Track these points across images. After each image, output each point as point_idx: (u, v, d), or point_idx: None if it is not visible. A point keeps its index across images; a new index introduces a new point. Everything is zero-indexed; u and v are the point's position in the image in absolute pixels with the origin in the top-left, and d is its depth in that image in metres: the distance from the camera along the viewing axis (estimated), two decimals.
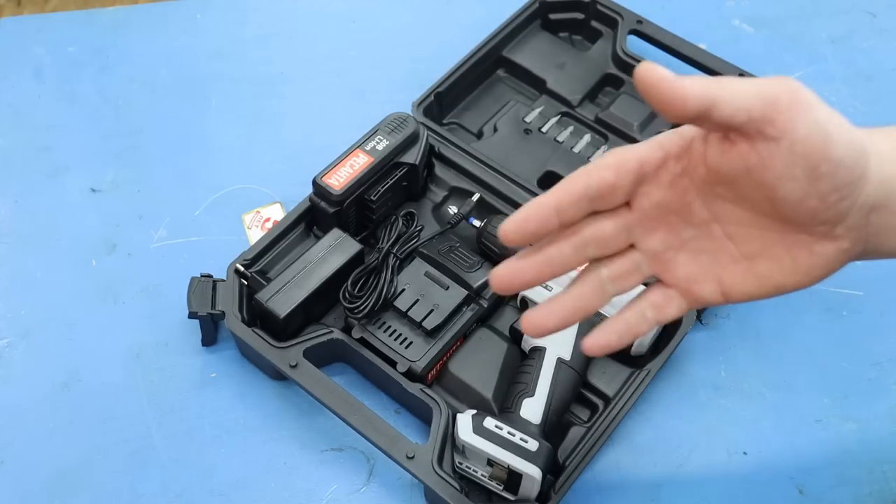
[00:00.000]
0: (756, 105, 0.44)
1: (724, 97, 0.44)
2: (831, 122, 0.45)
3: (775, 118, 0.44)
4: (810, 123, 0.44)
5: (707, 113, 0.45)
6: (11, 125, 0.98)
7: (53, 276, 0.87)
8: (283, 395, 0.80)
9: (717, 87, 0.44)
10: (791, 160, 0.45)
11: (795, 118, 0.44)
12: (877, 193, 0.47)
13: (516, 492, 0.71)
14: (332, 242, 0.81)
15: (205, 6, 1.09)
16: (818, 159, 0.45)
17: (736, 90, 0.44)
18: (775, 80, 0.45)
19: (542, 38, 1.02)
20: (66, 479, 0.76)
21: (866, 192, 0.47)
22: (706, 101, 0.44)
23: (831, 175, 0.45)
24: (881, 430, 0.79)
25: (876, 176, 0.47)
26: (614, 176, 0.50)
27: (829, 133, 0.45)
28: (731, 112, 0.44)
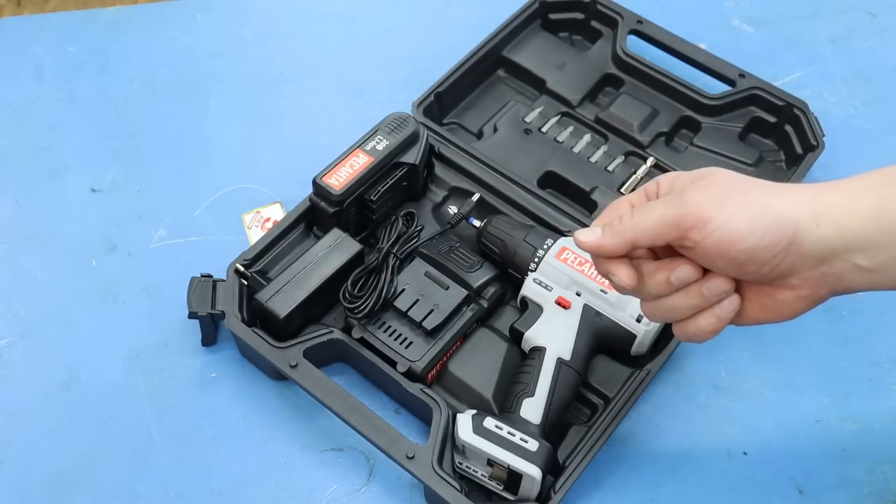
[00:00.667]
0: (666, 232, 0.55)
1: (638, 238, 0.56)
2: (738, 218, 0.53)
3: (685, 235, 0.54)
4: (715, 232, 0.53)
5: (633, 250, 0.57)
6: (11, 125, 0.98)
7: (53, 276, 0.87)
8: (283, 395, 0.80)
9: (630, 232, 0.56)
10: (711, 259, 0.55)
11: (701, 232, 0.53)
12: (819, 250, 0.54)
13: (516, 492, 0.71)
14: (332, 242, 0.81)
15: (205, 6, 1.09)
16: (732, 253, 0.53)
17: (646, 227, 0.55)
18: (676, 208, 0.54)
19: (542, 38, 1.02)
20: (66, 479, 0.76)
21: (805, 252, 0.54)
22: (627, 247, 0.56)
23: (750, 260, 0.54)
24: (881, 430, 0.79)
25: (811, 237, 0.54)
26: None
27: (735, 232, 0.53)
28: (650, 243, 0.56)
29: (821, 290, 0.56)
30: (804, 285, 0.56)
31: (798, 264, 0.54)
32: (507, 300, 0.84)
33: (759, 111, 0.95)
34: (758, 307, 0.58)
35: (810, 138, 0.91)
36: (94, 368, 0.81)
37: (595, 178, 0.91)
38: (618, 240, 0.56)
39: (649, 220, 0.55)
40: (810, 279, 0.55)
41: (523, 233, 0.82)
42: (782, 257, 0.54)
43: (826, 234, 0.54)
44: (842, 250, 0.54)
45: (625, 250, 0.57)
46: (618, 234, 0.56)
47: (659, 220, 0.55)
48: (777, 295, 0.57)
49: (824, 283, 0.55)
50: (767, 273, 0.55)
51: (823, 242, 0.54)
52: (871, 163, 0.96)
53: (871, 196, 0.54)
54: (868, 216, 0.54)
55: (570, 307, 0.78)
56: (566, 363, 0.75)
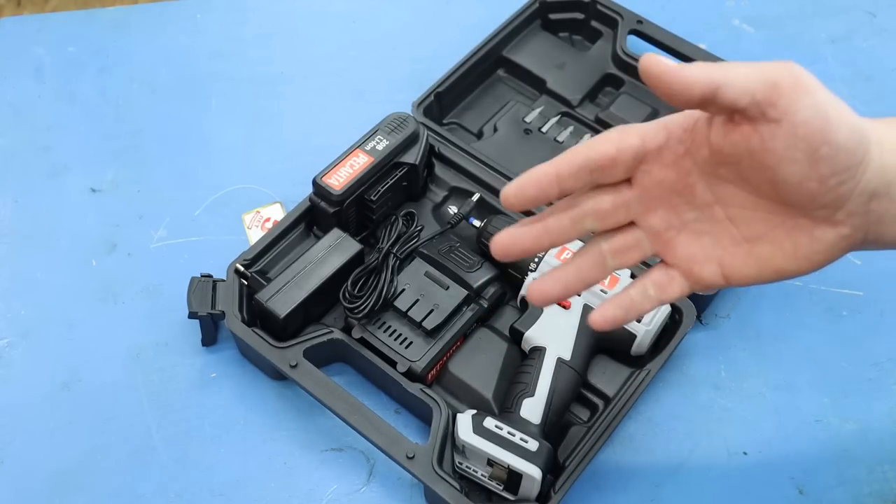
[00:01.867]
0: (759, 89, 0.46)
1: (728, 81, 0.46)
2: (832, 107, 0.46)
3: (777, 101, 0.45)
4: (811, 107, 0.45)
5: (712, 98, 0.46)
6: (11, 125, 0.98)
7: (53, 276, 0.87)
8: (283, 395, 0.80)
9: (720, 72, 0.46)
10: (792, 142, 0.46)
11: (797, 101, 0.45)
12: (877, 180, 0.48)
13: (516, 492, 0.71)
14: (332, 242, 0.81)
15: (205, 6, 1.09)
16: (818, 142, 0.46)
17: (739, 74, 0.46)
18: (778, 65, 0.46)
19: (542, 38, 1.02)
20: (66, 479, 0.76)
21: (866, 179, 0.48)
22: (710, 87, 0.46)
23: (831, 158, 0.46)
24: (881, 430, 0.79)
25: (876, 163, 0.48)
26: (615, 150, 0.51)
27: (829, 117, 0.46)
28: (735, 96, 0.46)
29: (859, 232, 0.50)
30: (848, 221, 0.49)
31: (854, 192, 0.48)
32: (507, 300, 0.84)
33: None
34: (788, 250, 0.51)
35: None
36: (94, 368, 0.81)
37: None
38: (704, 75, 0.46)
39: (745, 70, 0.46)
40: (856, 215, 0.49)
41: None
42: (853, 172, 0.47)
43: (887, 162, 0.48)
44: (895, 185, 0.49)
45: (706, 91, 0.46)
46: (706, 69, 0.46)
47: (758, 72, 0.46)
48: (816, 232, 0.50)
49: (866, 222, 0.50)
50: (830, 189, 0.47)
51: (882, 173, 0.48)
52: None
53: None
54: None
55: (570, 307, 0.78)
56: (566, 363, 0.75)
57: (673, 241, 0.53)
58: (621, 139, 0.51)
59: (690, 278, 0.54)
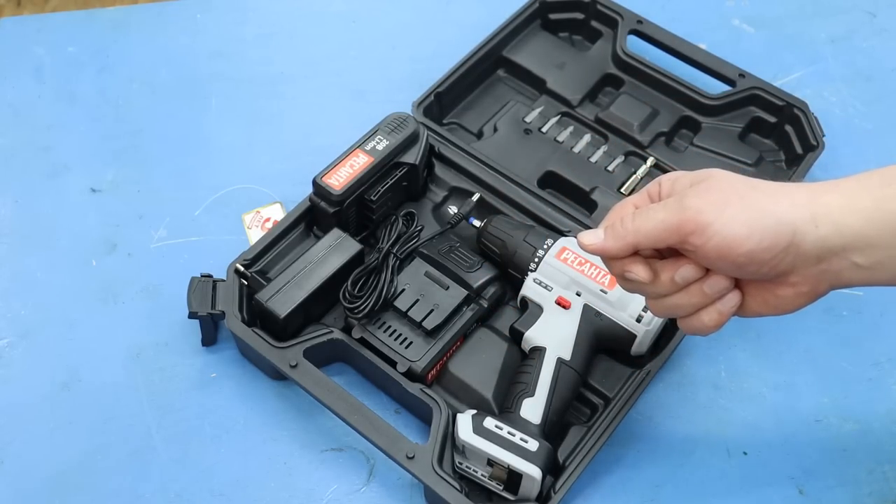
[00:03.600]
0: (668, 237, 0.56)
1: (640, 241, 0.58)
2: (737, 223, 0.54)
3: (686, 240, 0.56)
4: (714, 236, 0.54)
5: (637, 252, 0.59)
6: (11, 125, 0.98)
7: (53, 276, 0.87)
8: (283, 395, 0.80)
9: (632, 235, 0.57)
10: (713, 260, 0.56)
11: (701, 236, 0.55)
12: (818, 250, 0.55)
13: (516, 492, 0.71)
14: (332, 242, 0.81)
15: (205, 6, 1.09)
16: (732, 256, 0.55)
17: (648, 231, 0.57)
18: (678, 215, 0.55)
19: (542, 38, 1.02)
20: (66, 479, 0.76)
21: (804, 252, 0.55)
22: (630, 249, 0.58)
23: (750, 262, 0.55)
24: (881, 430, 0.79)
25: (812, 237, 0.55)
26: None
27: (735, 236, 0.54)
28: (652, 245, 0.58)
29: (820, 287, 0.58)
30: (804, 282, 0.57)
31: (797, 263, 0.56)
32: (507, 300, 0.84)
33: (759, 111, 0.95)
34: (759, 302, 0.60)
35: (810, 138, 0.91)
36: (94, 368, 0.81)
37: (595, 178, 0.91)
38: (620, 242, 0.58)
39: (651, 225, 0.57)
40: (809, 276, 0.57)
41: (523, 233, 0.82)
42: (781, 258, 0.55)
43: (825, 234, 0.55)
44: (840, 249, 0.55)
45: (627, 252, 0.59)
46: (620, 237, 0.58)
47: (660, 225, 0.56)
48: (777, 291, 0.58)
49: (823, 279, 0.57)
50: (767, 272, 0.56)
51: (822, 242, 0.55)
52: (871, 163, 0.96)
53: (870, 197, 0.55)
54: (866, 216, 0.55)
55: (570, 307, 0.78)
56: (566, 363, 0.75)
57: None
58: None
59: None
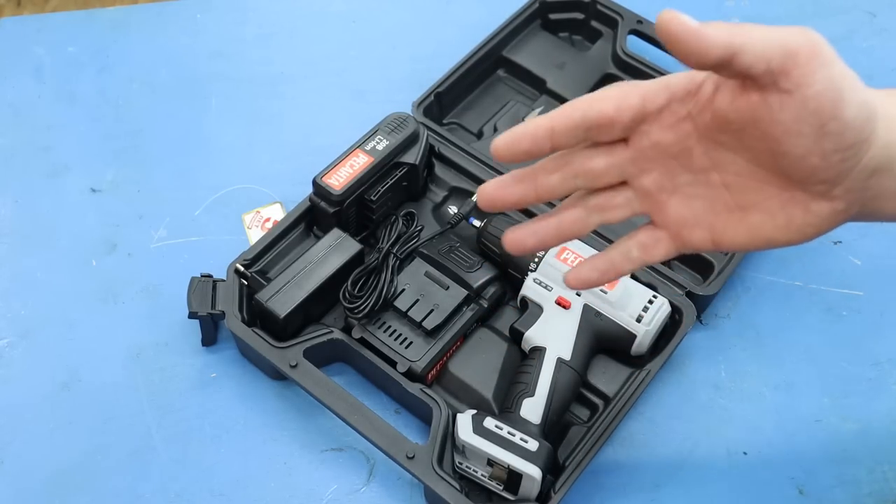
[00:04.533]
0: (776, 56, 0.43)
1: (747, 46, 0.43)
2: (845, 81, 0.45)
3: (791, 71, 0.44)
4: (825, 80, 0.44)
5: (728, 62, 0.44)
6: (11, 125, 0.98)
7: (53, 276, 0.87)
8: (283, 395, 0.80)
9: (740, 36, 0.44)
10: (800, 115, 0.44)
11: (812, 73, 0.44)
12: (879, 157, 0.47)
13: (516, 492, 0.71)
14: (332, 242, 0.81)
15: (205, 6, 1.09)
16: (827, 117, 0.44)
17: (758, 39, 0.44)
18: (798, 32, 0.44)
19: (542, 38, 1.02)
20: (66, 479, 0.76)
21: (869, 156, 0.47)
22: (729, 51, 0.44)
23: (838, 134, 0.45)
24: (881, 430, 0.79)
25: (882, 139, 0.47)
26: (614, 110, 0.50)
27: (842, 92, 0.44)
28: (751, 61, 0.44)
29: (853, 207, 0.49)
30: (844, 197, 0.48)
31: (856, 169, 0.47)
32: (507, 300, 0.84)
33: None
34: (780, 222, 0.50)
35: None
36: (94, 368, 0.81)
37: None
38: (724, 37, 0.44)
39: (764, 34, 0.44)
40: (853, 191, 0.48)
41: None
42: (855, 151, 0.46)
43: (893, 139, 0.48)
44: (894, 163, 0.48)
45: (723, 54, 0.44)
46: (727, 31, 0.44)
47: (777, 37, 0.44)
48: (811, 205, 0.49)
49: (862, 198, 0.49)
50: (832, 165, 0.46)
51: (886, 149, 0.47)
52: None
53: None
54: None
55: (570, 307, 0.78)
56: (566, 363, 0.75)
57: (664, 204, 0.52)
58: (622, 98, 0.49)
59: (678, 240, 0.53)
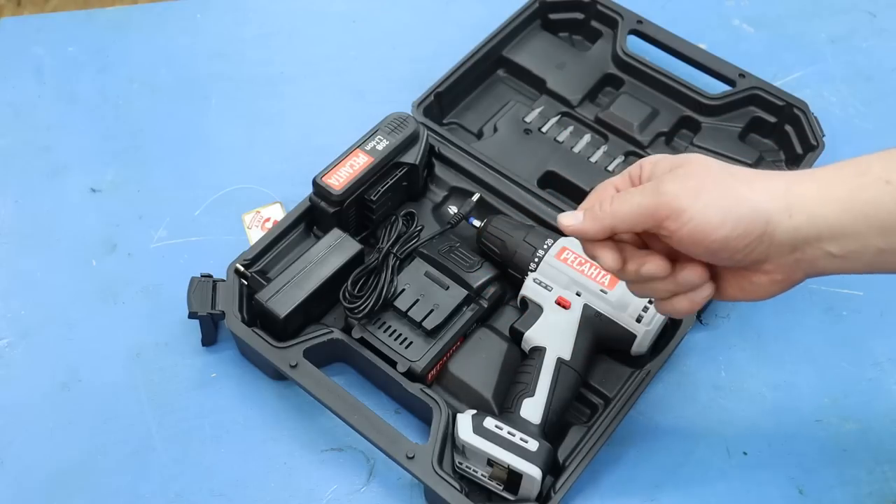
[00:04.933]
0: (643, 221, 0.57)
1: (617, 225, 0.58)
2: (712, 209, 0.55)
3: (661, 224, 0.56)
4: (689, 222, 0.55)
5: (613, 235, 0.59)
6: (11, 125, 0.98)
7: (53, 276, 0.87)
8: (283, 395, 0.80)
9: (609, 218, 0.58)
10: (687, 245, 0.56)
11: (675, 222, 0.55)
12: (791, 239, 0.56)
13: (516, 492, 0.71)
14: (332, 242, 0.81)
15: (205, 6, 1.09)
16: (706, 242, 0.55)
17: (625, 215, 0.57)
18: (652, 198, 0.56)
19: (542, 38, 1.02)
20: (66, 479, 0.76)
21: (777, 241, 0.56)
22: (607, 232, 0.59)
23: (723, 248, 0.56)
24: (881, 430, 0.79)
25: (785, 226, 0.55)
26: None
27: (709, 222, 0.55)
28: (629, 229, 0.59)
29: (794, 275, 0.58)
30: (778, 270, 0.58)
31: (771, 252, 0.56)
32: (507, 300, 0.84)
33: (759, 111, 0.95)
34: (735, 287, 0.60)
35: (810, 138, 0.91)
36: (94, 368, 0.81)
37: (595, 178, 0.90)
38: (597, 225, 0.59)
39: (626, 209, 0.57)
40: (784, 265, 0.57)
41: (523, 233, 0.82)
42: (754, 246, 0.56)
43: (798, 223, 0.55)
44: (814, 239, 0.56)
45: (604, 235, 0.59)
46: (597, 219, 0.59)
47: (636, 209, 0.57)
48: (752, 278, 0.59)
49: (798, 268, 0.58)
50: (741, 259, 0.57)
51: (796, 232, 0.55)
52: None
53: (845, 187, 0.56)
54: (840, 207, 0.55)
55: (570, 307, 0.78)
56: (566, 363, 0.75)
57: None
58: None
59: None
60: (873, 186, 0.55)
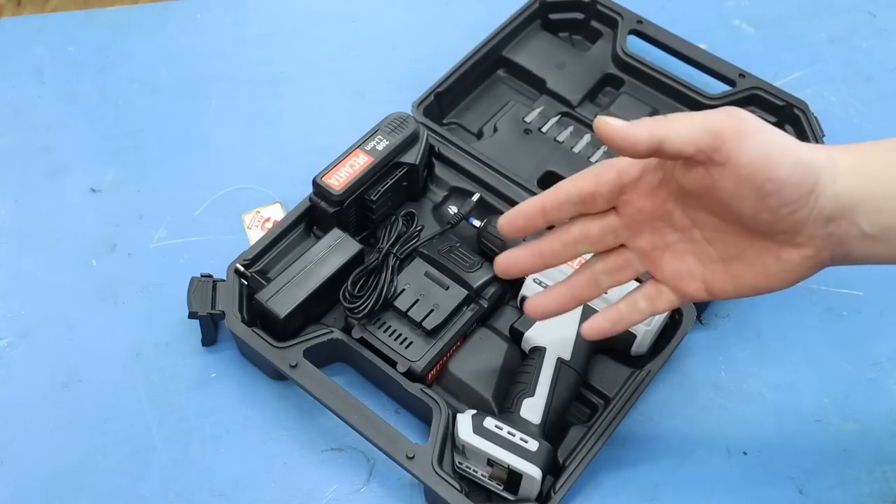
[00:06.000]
0: (702, 138, 0.52)
1: (670, 135, 0.52)
2: (775, 146, 0.52)
3: (720, 147, 0.52)
4: (752, 150, 0.51)
5: (657, 151, 0.53)
6: (11, 125, 0.98)
7: (53, 276, 0.87)
8: (283, 395, 0.80)
9: (662, 127, 0.52)
10: (738, 182, 0.52)
11: (739, 146, 0.51)
12: (831, 207, 0.53)
13: (516, 492, 0.71)
14: (332, 242, 0.81)
15: (205, 6, 1.09)
16: (762, 180, 0.52)
17: (682, 127, 0.52)
18: (720, 114, 0.52)
19: (542, 38, 1.02)
20: (66, 479, 0.76)
21: (819, 206, 0.53)
22: (653, 143, 0.53)
23: (777, 193, 0.52)
24: (881, 430, 0.79)
25: (829, 191, 0.53)
26: (593, 185, 0.58)
27: (771, 156, 0.52)
28: (679, 147, 0.52)
29: (823, 253, 0.56)
30: (809, 244, 0.55)
31: (810, 219, 0.54)
32: (507, 300, 0.84)
33: (759, 111, 0.95)
34: (759, 270, 0.57)
35: (810, 138, 0.91)
36: (94, 368, 0.81)
37: None
38: (646, 132, 0.52)
39: (687, 122, 0.52)
40: (816, 238, 0.55)
41: None
42: (803, 203, 0.53)
43: (840, 190, 0.53)
44: (850, 209, 0.54)
45: (647, 147, 0.53)
46: (649, 126, 0.53)
47: (700, 123, 0.52)
48: (781, 253, 0.56)
49: (827, 244, 0.55)
50: (782, 218, 0.53)
51: (836, 199, 0.53)
52: None
53: (879, 160, 0.55)
54: (875, 179, 0.54)
55: None
56: (566, 363, 0.75)
57: (660, 260, 0.60)
58: (599, 174, 0.58)
59: (678, 292, 0.61)
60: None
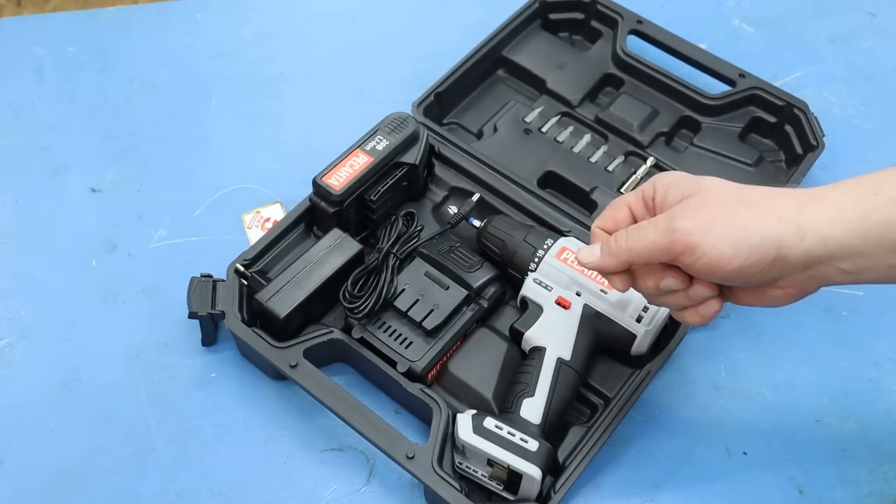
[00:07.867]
0: (661, 257, 0.60)
1: (635, 261, 0.62)
2: (725, 240, 0.57)
3: (677, 259, 0.59)
4: (703, 257, 0.58)
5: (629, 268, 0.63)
6: (11, 125, 0.98)
7: (53, 276, 0.87)
8: (283, 395, 0.80)
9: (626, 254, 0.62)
10: (703, 275, 0.60)
11: (690, 257, 0.58)
12: (804, 260, 0.58)
13: (516, 492, 0.71)
14: (332, 242, 0.81)
15: (205, 6, 1.09)
16: (720, 273, 0.58)
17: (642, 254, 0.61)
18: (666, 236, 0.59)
19: (542, 38, 1.02)
20: (66, 479, 0.76)
21: (791, 264, 0.58)
22: (625, 266, 0.63)
23: (737, 275, 0.58)
24: (881, 430, 0.79)
25: (798, 249, 0.57)
26: (612, 226, 0.66)
27: (721, 256, 0.57)
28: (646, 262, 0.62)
29: (808, 287, 0.61)
30: (792, 286, 0.60)
31: (785, 272, 0.59)
32: (507, 300, 0.84)
33: (759, 111, 0.95)
34: (751, 297, 0.63)
35: (810, 138, 0.91)
36: (94, 368, 0.81)
37: (595, 178, 0.91)
38: (615, 261, 0.63)
39: (642, 246, 0.61)
40: (798, 281, 0.60)
41: (523, 233, 0.82)
42: (768, 270, 0.58)
43: (810, 246, 0.57)
44: (827, 259, 0.57)
45: (622, 269, 0.63)
46: (614, 255, 0.63)
47: (651, 246, 0.60)
48: (768, 292, 0.61)
49: (811, 282, 0.60)
50: (756, 283, 0.60)
51: (808, 254, 0.57)
52: (870, 163, 0.97)
53: (856, 208, 0.57)
54: (851, 228, 0.57)
55: (570, 307, 0.78)
56: (566, 363, 0.75)
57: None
58: (615, 212, 0.66)
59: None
60: (885, 208, 0.56)
